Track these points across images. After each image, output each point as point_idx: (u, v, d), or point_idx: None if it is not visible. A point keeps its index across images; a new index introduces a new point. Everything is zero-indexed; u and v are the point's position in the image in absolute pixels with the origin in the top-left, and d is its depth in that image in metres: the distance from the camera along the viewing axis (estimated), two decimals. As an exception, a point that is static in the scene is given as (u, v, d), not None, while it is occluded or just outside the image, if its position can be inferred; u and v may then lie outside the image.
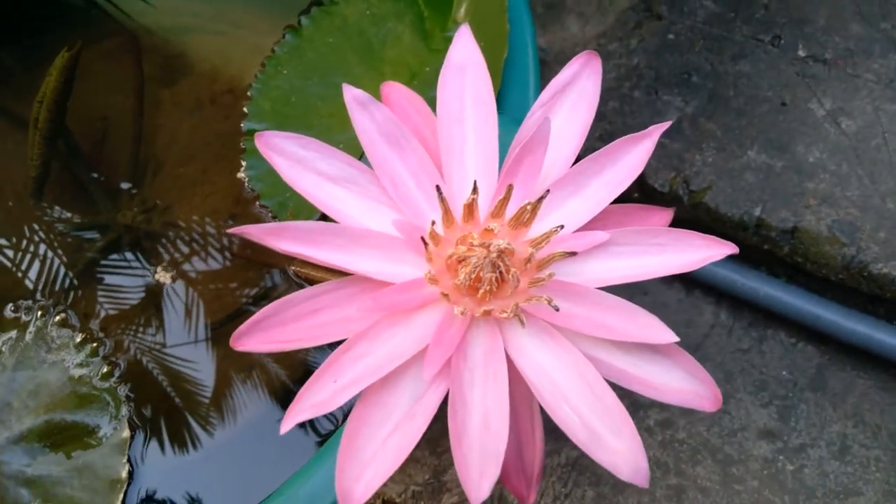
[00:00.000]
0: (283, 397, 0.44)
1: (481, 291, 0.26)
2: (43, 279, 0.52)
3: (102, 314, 0.48)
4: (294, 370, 0.46)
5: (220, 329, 0.46)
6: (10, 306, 0.46)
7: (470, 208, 0.27)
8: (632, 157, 0.28)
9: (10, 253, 0.53)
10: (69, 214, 0.56)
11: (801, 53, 0.73)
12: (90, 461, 0.40)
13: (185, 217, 0.55)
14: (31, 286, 0.52)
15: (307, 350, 0.46)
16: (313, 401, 0.25)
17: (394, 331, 0.27)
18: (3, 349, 0.44)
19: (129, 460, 0.40)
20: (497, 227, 0.27)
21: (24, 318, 0.45)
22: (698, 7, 0.83)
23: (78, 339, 0.43)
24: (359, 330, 0.28)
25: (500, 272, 0.26)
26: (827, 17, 0.75)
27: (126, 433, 0.41)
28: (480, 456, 0.24)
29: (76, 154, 0.57)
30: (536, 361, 0.27)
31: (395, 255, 0.28)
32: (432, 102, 0.36)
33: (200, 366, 0.45)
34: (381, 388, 0.26)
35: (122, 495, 0.39)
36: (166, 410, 0.43)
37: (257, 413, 0.43)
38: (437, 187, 0.26)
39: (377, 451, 0.25)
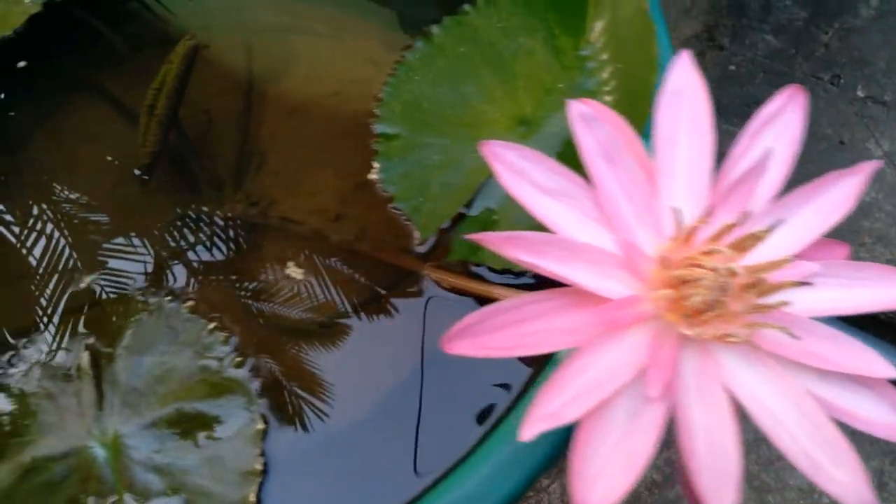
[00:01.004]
0: (407, 396, 0.44)
1: (708, 314, 0.26)
2: (152, 265, 0.52)
3: (221, 303, 0.48)
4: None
5: (348, 326, 0.46)
6: (137, 291, 0.46)
7: (693, 231, 0.27)
8: (840, 190, 0.29)
9: (121, 239, 0.53)
10: (175, 203, 0.56)
11: (861, 94, 0.74)
12: (221, 452, 0.40)
13: (290, 213, 0.55)
14: (141, 271, 0.51)
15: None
16: (545, 412, 0.25)
17: (609, 347, 0.27)
18: (130, 333, 0.44)
19: (262, 453, 0.40)
20: (719, 250, 0.27)
21: (150, 301, 0.45)
22: (760, 41, 0.84)
23: (209, 327, 0.43)
24: (564, 343, 0.28)
25: (727, 296, 0.26)
26: (887, 59, 0.76)
27: (260, 425, 0.40)
28: (712, 479, 0.24)
29: (185, 144, 0.57)
30: (748, 386, 0.27)
31: (607, 270, 0.28)
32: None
33: (328, 362, 0.44)
34: (596, 406, 0.26)
35: (255, 488, 0.39)
36: (296, 404, 0.42)
37: (387, 411, 0.43)
38: (672, 209, 0.26)
39: (601, 469, 0.25)
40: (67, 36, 0.60)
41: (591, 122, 0.28)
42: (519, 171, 0.28)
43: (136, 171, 0.55)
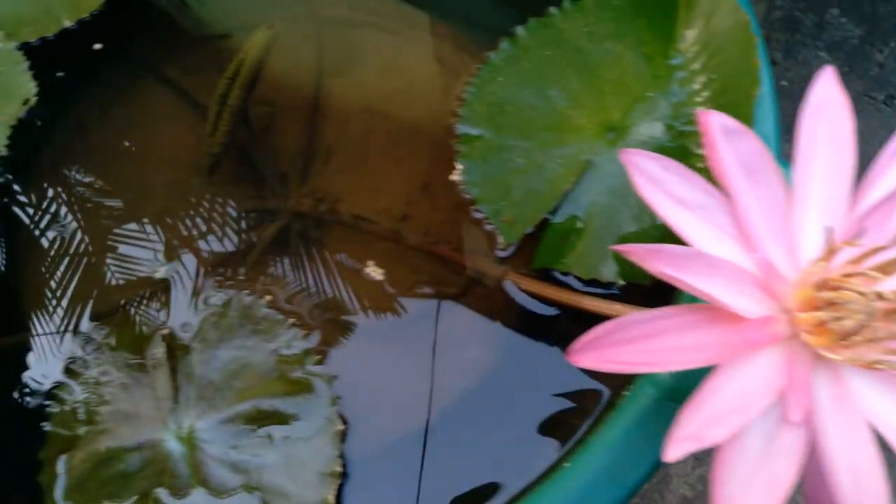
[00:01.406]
0: (484, 398, 0.43)
1: (854, 339, 0.25)
2: (220, 258, 0.52)
3: (295, 300, 0.47)
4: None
5: (424, 327, 0.45)
6: (212, 282, 0.45)
7: (835, 251, 0.26)
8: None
9: (188, 231, 0.52)
10: (240, 195, 0.55)
11: (914, 114, 0.73)
12: (299, 451, 0.39)
13: (355, 211, 0.55)
14: (210, 262, 0.51)
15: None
16: (687, 432, 0.24)
17: (744, 367, 0.26)
18: (206, 326, 0.43)
19: (341, 455, 0.39)
20: (863, 273, 0.26)
21: (227, 294, 0.44)
22: (813, 58, 0.83)
23: (288, 323, 0.42)
24: (693, 361, 0.27)
25: (875, 321, 0.25)
26: (945, 80, 0.75)
27: (340, 426, 0.39)
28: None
29: (251, 136, 0.56)
30: (887, 414, 0.26)
31: (744, 288, 0.27)
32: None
33: (403, 363, 0.44)
34: (736, 429, 0.25)
35: (334, 490, 0.38)
36: (372, 405, 0.42)
37: (468, 412, 0.42)
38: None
39: (744, 497, 0.24)
40: (142, 19, 0.59)
41: (733, 135, 0.27)
42: (656, 180, 0.27)
43: (203, 162, 0.55)
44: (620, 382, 0.38)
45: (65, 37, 0.53)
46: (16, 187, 0.52)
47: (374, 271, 0.47)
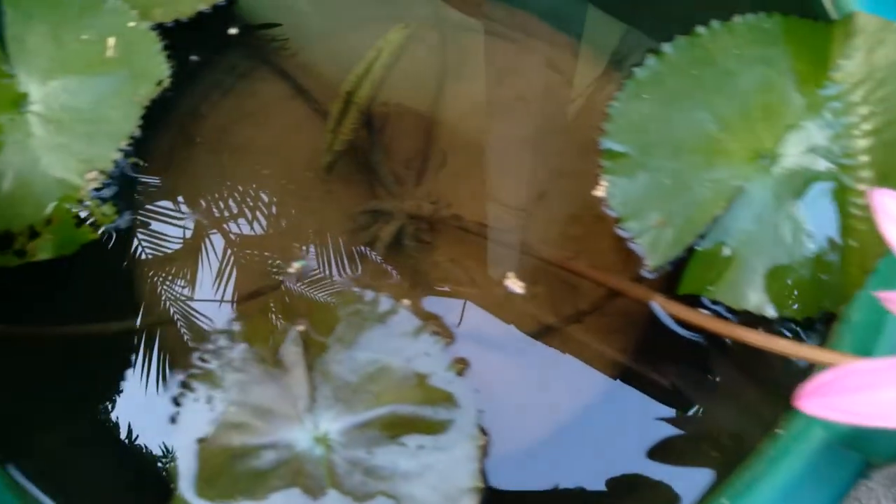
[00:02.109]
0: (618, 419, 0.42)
1: None
2: (343, 257, 0.51)
3: (432, 304, 0.46)
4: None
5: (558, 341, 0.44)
6: (345, 279, 0.45)
7: None
8: None
9: (311, 228, 0.52)
10: (356, 194, 0.55)
11: None
12: (438, 463, 0.38)
13: (468, 217, 0.54)
14: (332, 261, 0.50)
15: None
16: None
17: None
18: (343, 325, 0.42)
19: (481, 468, 0.38)
20: None
21: (365, 296, 0.43)
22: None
23: (427, 331, 0.41)
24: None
25: None
26: None
27: (481, 440, 0.39)
28: None
29: (372, 135, 0.56)
30: None
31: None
32: None
33: (539, 374, 0.43)
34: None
35: (475, 505, 0.37)
36: (507, 418, 0.41)
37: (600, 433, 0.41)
38: None
39: None
40: (271, 7, 0.58)
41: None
42: None
43: (322, 158, 0.54)
44: (773, 416, 0.37)
45: (198, 20, 0.52)
46: (142, 173, 0.51)
47: (514, 283, 0.46)
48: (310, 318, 0.42)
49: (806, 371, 0.38)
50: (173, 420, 0.40)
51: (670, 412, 0.41)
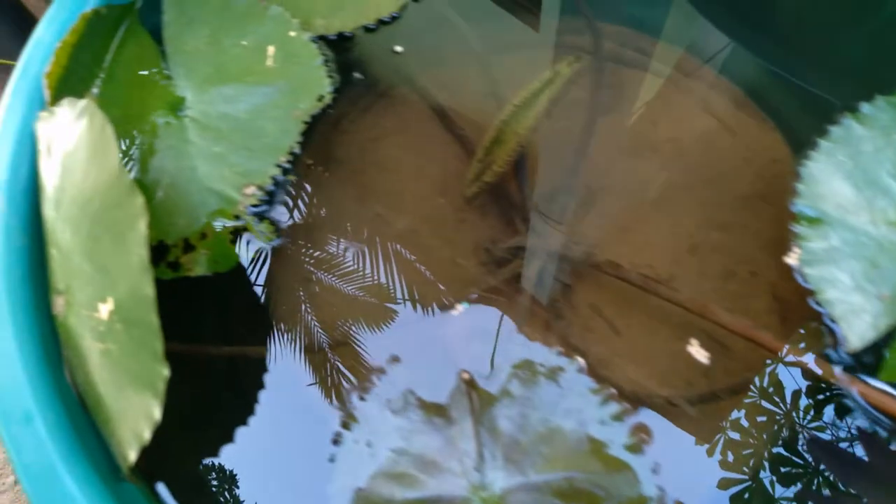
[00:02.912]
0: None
1: None
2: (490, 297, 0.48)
3: (608, 363, 0.43)
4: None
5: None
6: (513, 330, 0.42)
7: None
8: None
9: (446, 256, 0.49)
10: (494, 228, 0.52)
11: None
12: (616, 540, 0.35)
13: (619, 256, 0.51)
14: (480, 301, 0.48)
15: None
16: None
17: None
18: (512, 379, 0.39)
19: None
20: None
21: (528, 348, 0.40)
22: None
23: (601, 393, 0.38)
24: None
25: None
26: None
27: (665, 522, 0.36)
28: None
29: (521, 167, 0.53)
30: None
31: None
32: None
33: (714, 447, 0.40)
34: None
35: None
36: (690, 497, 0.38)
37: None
38: None
39: None
40: (428, 29, 0.56)
41: None
42: None
43: (467, 188, 0.51)
44: None
45: (358, 35, 0.50)
46: (293, 189, 0.49)
47: (698, 352, 0.43)
48: (473, 365, 0.39)
49: None
50: (332, 460, 0.37)
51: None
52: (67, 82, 0.45)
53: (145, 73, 0.48)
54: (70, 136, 0.39)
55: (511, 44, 0.59)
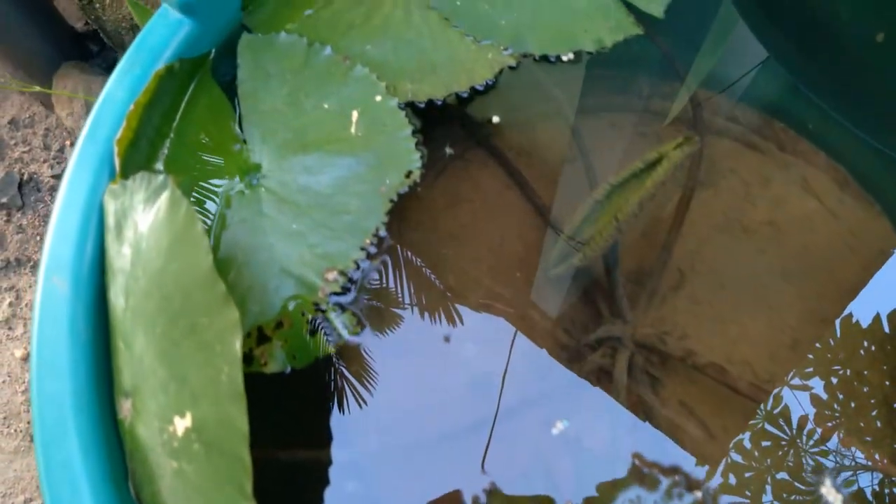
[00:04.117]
0: None
1: None
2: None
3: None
4: None
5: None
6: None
7: None
8: None
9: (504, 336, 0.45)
10: (573, 308, 0.48)
11: None
12: None
13: (706, 356, 0.47)
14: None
15: None
16: None
17: None
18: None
19: None
20: None
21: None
22: None
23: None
24: None
25: None
26: None
27: None
28: None
29: (614, 248, 0.49)
30: None
31: None
32: None
33: None
34: None
35: None
36: None
37: None
38: None
39: None
40: (522, 95, 0.52)
41: None
42: None
43: (553, 268, 0.47)
44: None
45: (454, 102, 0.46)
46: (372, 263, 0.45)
47: (833, 495, 0.39)
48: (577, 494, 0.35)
49: None
50: None
51: None
52: (136, 146, 0.41)
53: (218, 135, 0.44)
54: (145, 218, 0.35)
55: (599, 106, 0.55)
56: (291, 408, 0.40)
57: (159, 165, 0.42)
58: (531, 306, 0.48)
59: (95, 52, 1.01)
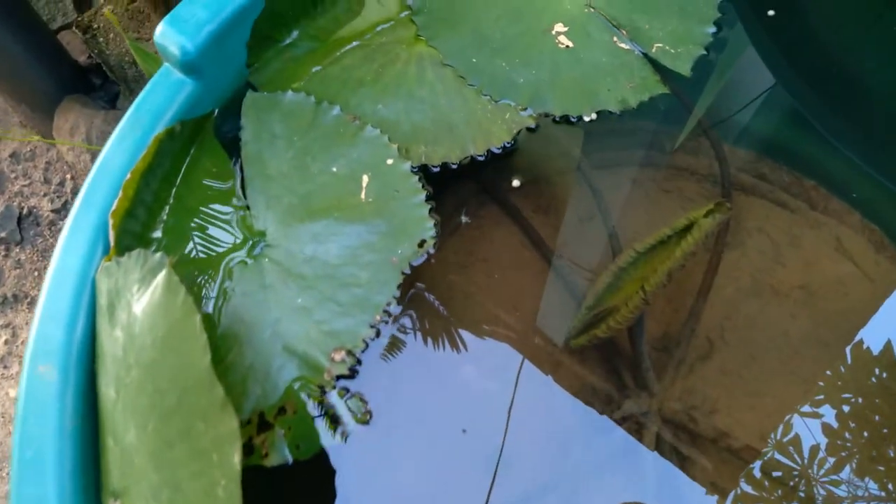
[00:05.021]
0: None
1: None
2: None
3: None
4: None
5: None
6: None
7: None
8: None
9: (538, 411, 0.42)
10: (593, 380, 0.45)
11: None
12: None
13: (736, 432, 0.44)
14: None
15: None
16: None
17: None
18: None
19: None
20: None
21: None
22: None
23: None
24: None
25: None
26: None
27: None
28: None
29: (640, 319, 0.46)
30: None
31: None
32: None
33: None
34: None
35: None
36: None
37: None
38: None
39: None
40: (538, 156, 0.49)
41: None
42: None
43: (574, 337, 0.45)
44: None
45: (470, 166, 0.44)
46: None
47: None
48: None
49: None
50: None
51: None
52: (133, 215, 0.38)
53: (220, 200, 0.41)
54: (139, 300, 0.33)
55: (620, 161, 0.52)
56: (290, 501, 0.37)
57: (158, 233, 0.40)
58: (548, 370, 0.45)
59: (98, 85, 0.99)
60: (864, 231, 0.51)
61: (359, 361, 0.38)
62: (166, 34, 0.40)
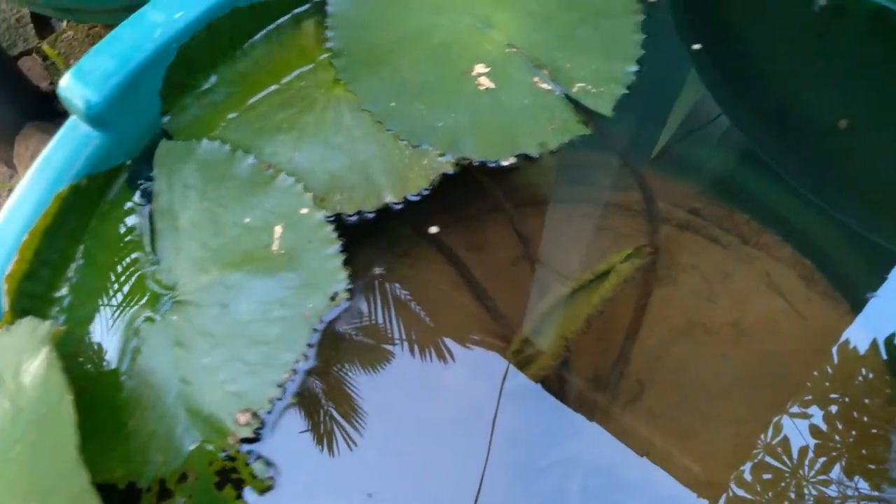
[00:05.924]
0: None
1: None
2: None
3: None
4: None
5: None
6: None
7: None
8: None
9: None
10: (533, 427, 0.44)
11: None
12: None
13: (673, 471, 0.43)
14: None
15: None
16: None
17: None
18: None
19: None
20: None
21: None
22: None
23: None
24: None
25: None
26: None
27: None
28: None
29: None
30: None
31: None
32: None
33: None
34: None
35: None
36: None
37: None
38: None
39: None
40: (461, 198, 0.47)
41: None
42: None
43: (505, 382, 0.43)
44: None
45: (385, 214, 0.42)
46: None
47: None
48: None
49: None
50: None
51: None
52: (35, 276, 0.37)
53: (130, 254, 0.40)
54: (27, 372, 0.31)
55: (554, 198, 0.51)
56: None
57: (63, 291, 0.38)
58: (480, 420, 0.44)
59: (61, 111, 0.98)
60: (795, 266, 0.49)
61: (263, 424, 0.36)
62: (70, 87, 0.39)
